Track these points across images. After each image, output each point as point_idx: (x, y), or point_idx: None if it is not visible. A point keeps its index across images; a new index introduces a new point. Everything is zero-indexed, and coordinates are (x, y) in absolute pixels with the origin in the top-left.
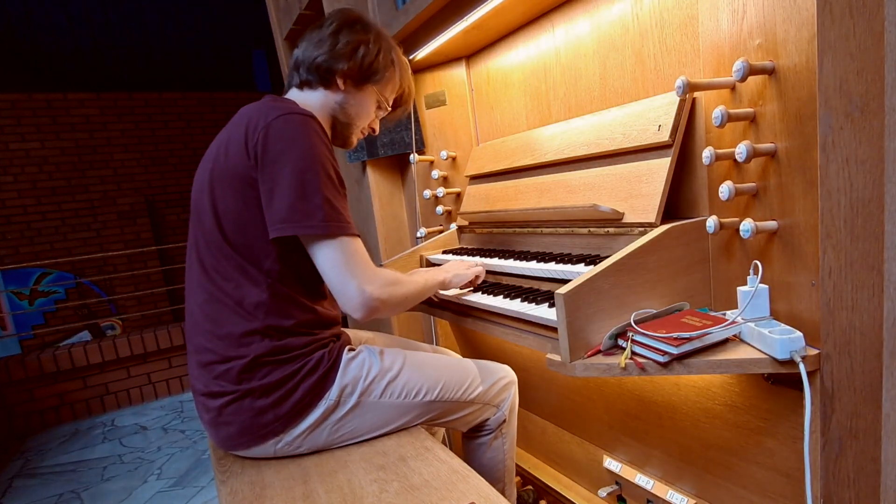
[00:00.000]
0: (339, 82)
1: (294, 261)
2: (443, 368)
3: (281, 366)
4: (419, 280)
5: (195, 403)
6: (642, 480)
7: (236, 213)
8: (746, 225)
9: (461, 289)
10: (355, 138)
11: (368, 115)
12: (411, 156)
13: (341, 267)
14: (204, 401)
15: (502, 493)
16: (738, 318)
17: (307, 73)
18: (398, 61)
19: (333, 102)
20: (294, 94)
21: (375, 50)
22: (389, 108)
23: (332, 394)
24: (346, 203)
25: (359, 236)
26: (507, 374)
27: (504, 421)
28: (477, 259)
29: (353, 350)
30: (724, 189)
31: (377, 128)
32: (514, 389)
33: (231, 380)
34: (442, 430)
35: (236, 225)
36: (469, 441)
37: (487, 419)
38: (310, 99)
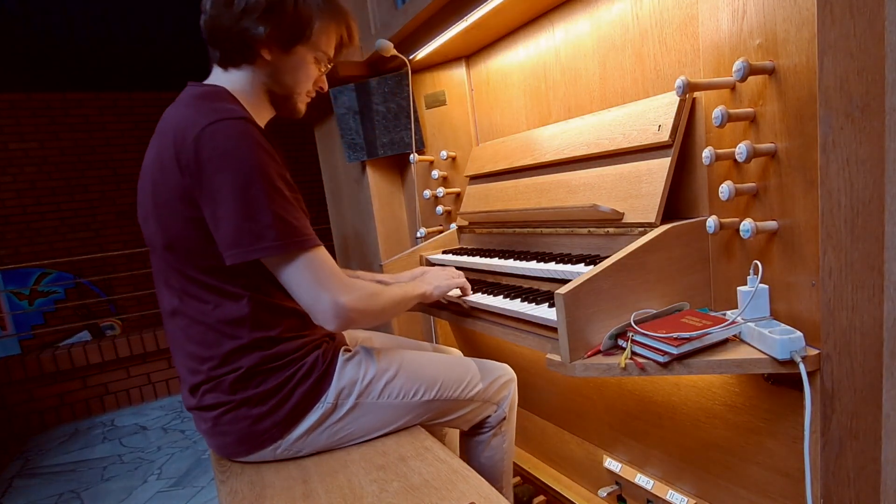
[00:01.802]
0: (264, 53)
1: (267, 268)
2: (441, 367)
3: (275, 373)
4: (397, 292)
5: (192, 415)
6: (642, 480)
7: (190, 238)
8: (746, 225)
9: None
10: (302, 105)
11: (308, 77)
12: (411, 156)
13: (309, 283)
14: (199, 413)
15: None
16: (738, 318)
17: (225, 48)
18: (325, 4)
19: (264, 77)
20: (218, 77)
21: (292, 2)
22: (331, 63)
23: (329, 397)
24: (299, 212)
25: (320, 245)
26: (506, 372)
27: (504, 419)
28: (476, 259)
29: (350, 351)
30: (724, 189)
31: (325, 86)
32: (514, 387)
33: (224, 391)
34: (445, 431)
35: (195, 250)
36: (468, 439)
37: (488, 417)
38: (237, 81)
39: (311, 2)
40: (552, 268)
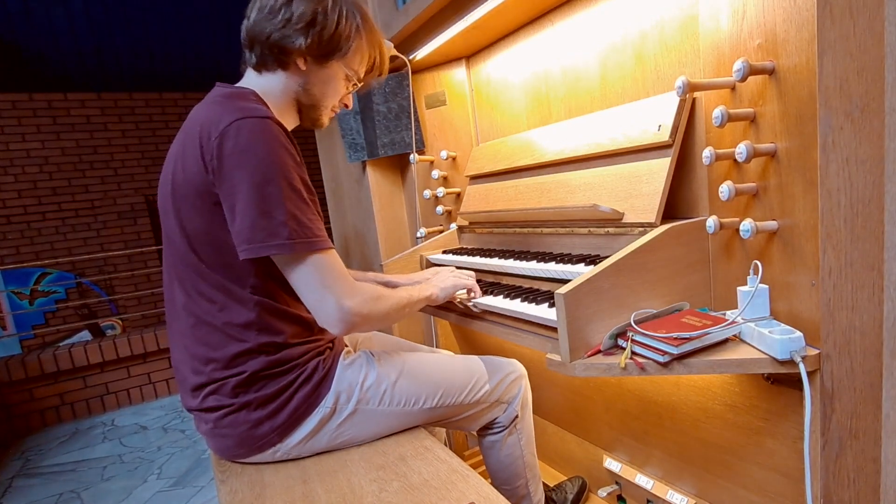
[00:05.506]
0: (299, 62)
1: (278, 272)
2: (444, 372)
3: (277, 378)
4: (402, 295)
5: (193, 415)
6: (642, 480)
7: (207, 234)
8: (746, 225)
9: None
10: (326, 118)
11: (336, 92)
12: (411, 156)
13: (316, 284)
14: (200, 415)
15: (525, 488)
16: (738, 318)
17: (262, 53)
18: (364, 27)
19: (295, 85)
20: (251, 79)
21: (335, 19)
22: (360, 82)
23: (328, 401)
24: (314, 213)
25: (332, 248)
26: (515, 368)
27: (516, 416)
28: (477, 259)
29: (350, 355)
30: (724, 189)
31: (350, 103)
32: (524, 384)
33: (227, 394)
34: (443, 431)
35: (211, 246)
36: (483, 439)
37: (497, 417)
38: (268, 84)
39: (353, 21)
40: (552, 268)
